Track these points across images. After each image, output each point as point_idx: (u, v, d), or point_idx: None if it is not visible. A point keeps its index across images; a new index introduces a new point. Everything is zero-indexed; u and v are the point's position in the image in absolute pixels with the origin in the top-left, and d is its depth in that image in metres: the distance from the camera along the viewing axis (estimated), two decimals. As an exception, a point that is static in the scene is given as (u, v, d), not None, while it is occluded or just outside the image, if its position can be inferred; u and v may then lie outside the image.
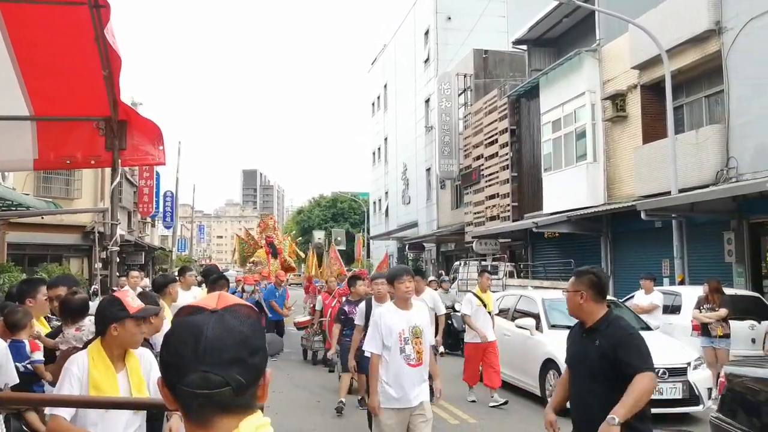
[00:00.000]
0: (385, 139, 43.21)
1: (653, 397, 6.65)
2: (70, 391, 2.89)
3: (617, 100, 17.38)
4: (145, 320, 3.31)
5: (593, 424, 3.47)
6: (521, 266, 21.27)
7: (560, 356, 7.36)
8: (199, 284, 25.02)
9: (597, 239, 18.74)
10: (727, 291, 10.17)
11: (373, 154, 47.09)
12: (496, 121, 24.48)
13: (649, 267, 15.07)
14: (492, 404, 9.11)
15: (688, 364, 7.96)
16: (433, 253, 34.29)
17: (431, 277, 18.49)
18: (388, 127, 42.26)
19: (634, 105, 17.00)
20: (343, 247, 38.26)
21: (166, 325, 4.56)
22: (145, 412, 3.13)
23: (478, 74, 28.26)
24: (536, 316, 9.57)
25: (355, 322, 7.33)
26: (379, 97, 45.21)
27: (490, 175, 24.90)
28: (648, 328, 9.19)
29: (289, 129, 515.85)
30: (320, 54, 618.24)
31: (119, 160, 4.41)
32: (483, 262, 20.64)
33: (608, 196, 17.90)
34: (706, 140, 14.15)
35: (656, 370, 6.85)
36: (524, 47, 24.42)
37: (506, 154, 23.62)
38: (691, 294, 10.54)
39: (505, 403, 9.09)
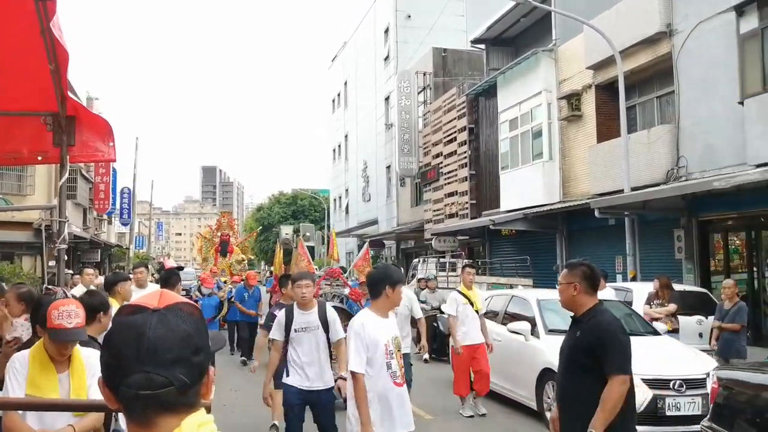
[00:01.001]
0: (346, 136, 43.14)
1: (671, 413, 6.51)
2: (12, 387, 2.90)
3: (572, 99, 17.69)
4: (93, 318, 3.27)
5: (569, 414, 3.55)
6: (479, 263, 21.49)
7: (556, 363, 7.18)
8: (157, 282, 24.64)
9: (553, 236, 19.07)
10: (677, 287, 10.47)
11: (334, 151, 46.98)
12: (454, 119, 24.68)
13: (603, 263, 15.37)
14: (467, 413, 8.37)
15: (707, 374, 6.76)
16: (393, 250, 34.42)
17: (420, 276, 17.57)
18: (349, 124, 42.21)
19: (589, 104, 17.34)
20: (312, 244, 37.78)
21: None
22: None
23: (437, 73, 28.43)
24: (531, 320, 8.59)
25: (270, 336, 5.75)
26: (339, 94, 45.11)
27: (448, 173, 25.10)
28: (656, 332, 8.45)
29: (249, 125, 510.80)
30: (280, 50, 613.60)
31: (67, 157, 4.35)
32: (441, 260, 20.79)
33: (563, 194, 18.22)
34: (657, 140, 14.52)
35: (672, 383, 6.73)
36: (482, 46, 24.67)
37: (465, 152, 23.83)
38: (642, 290, 10.79)
39: (483, 415, 8.39)
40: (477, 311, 8.41)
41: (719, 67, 12.90)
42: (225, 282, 14.90)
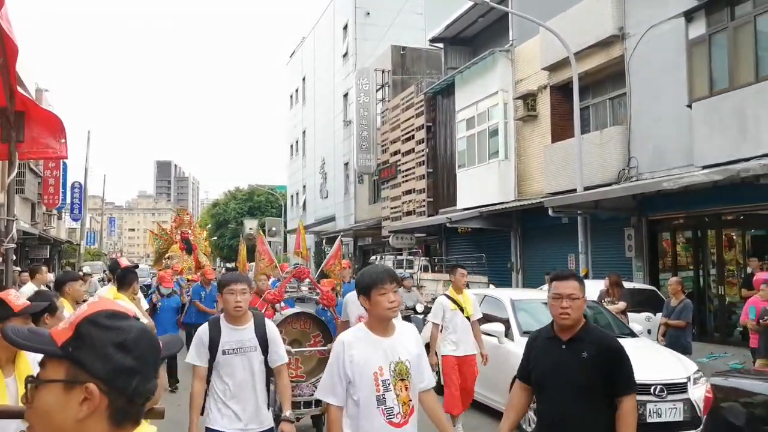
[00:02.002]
0: (303, 133, 42.89)
1: (651, 420, 6.23)
2: None
3: (528, 99, 17.97)
4: (38, 320, 3.17)
5: None
6: (435, 260, 21.67)
7: None
8: (108, 280, 23.70)
9: (508, 234, 19.35)
10: (627, 285, 10.76)
11: (291, 147, 46.66)
12: (412, 117, 24.79)
13: (556, 261, 15.72)
14: None
15: (688, 378, 6.67)
16: (350, 247, 34.39)
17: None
18: (307, 120, 41.97)
19: (544, 105, 17.64)
20: (278, 239, 36.93)
21: None
22: None
23: (395, 70, 28.49)
24: (504, 321, 8.15)
25: (188, 360, 4.21)
26: (297, 90, 44.81)
27: (406, 170, 25.20)
28: (633, 334, 8.12)
29: (205, 120, 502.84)
30: (238, 44, 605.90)
31: (17, 153, 4.24)
32: (399, 257, 20.89)
33: (518, 192, 18.50)
34: (609, 140, 14.86)
35: (653, 387, 6.35)
36: (441, 45, 24.83)
37: (422, 150, 23.97)
38: (593, 287, 11.04)
39: None
40: (468, 317, 7.37)
41: (669, 71, 13.28)
42: (189, 280, 14.23)
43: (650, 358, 7.10)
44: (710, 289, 13.43)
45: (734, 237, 13.25)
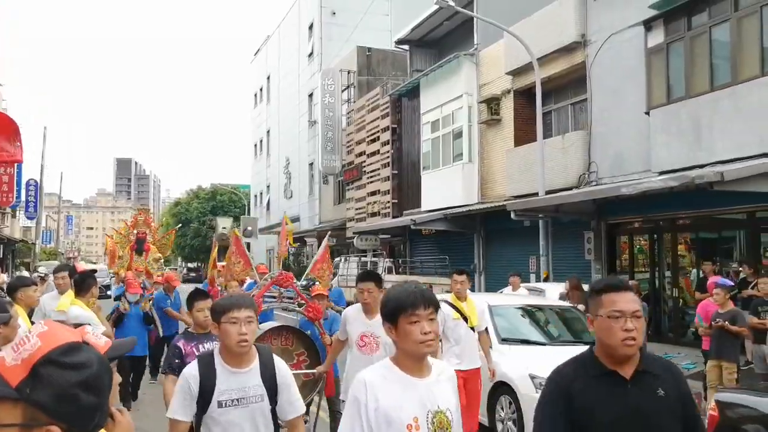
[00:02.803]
0: (268, 132, 42.59)
1: None
2: None
3: (492, 103, 18.15)
4: None
5: None
6: (400, 262, 21.73)
7: (515, 377, 6.75)
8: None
9: (471, 237, 19.51)
10: (586, 287, 10.94)
11: (255, 146, 46.29)
12: (378, 119, 24.83)
13: (518, 264, 15.90)
14: None
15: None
16: (315, 248, 34.25)
17: (339, 273, 16.75)
18: (271, 119, 41.69)
19: (508, 109, 17.83)
20: (252, 240, 35.34)
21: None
22: None
23: (361, 71, 28.51)
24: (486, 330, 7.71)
25: (170, 416, 3.15)
26: (261, 89, 44.47)
27: (371, 171, 25.23)
28: None
29: (166, 117, 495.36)
30: (202, 41, 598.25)
31: None
32: (363, 258, 20.90)
33: (482, 195, 18.67)
34: (571, 145, 15.10)
35: None
36: (406, 47, 24.93)
37: (387, 151, 24.02)
38: (554, 290, 11.22)
39: None
40: (473, 328, 6.61)
41: (629, 78, 13.56)
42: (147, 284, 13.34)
43: None
44: (665, 291, 13.75)
45: (688, 241, 13.59)
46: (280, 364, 3.23)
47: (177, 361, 4.25)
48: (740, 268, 10.63)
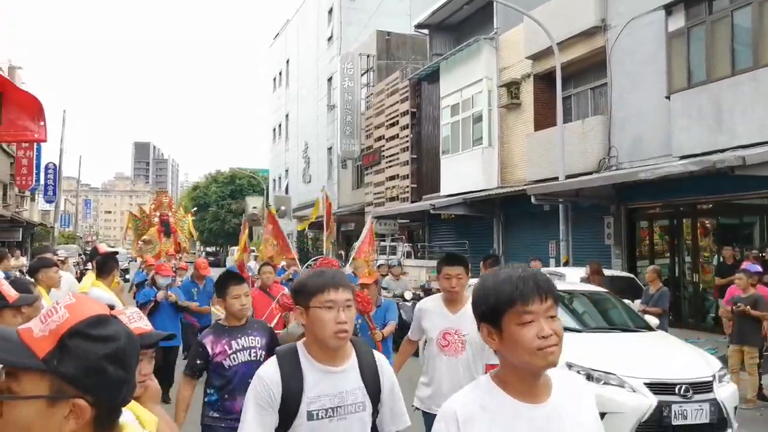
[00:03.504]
0: (287, 116, 42.71)
1: (677, 423, 5.68)
2: None
3: (512, 87, 18.11)
4: (19, 311, 3.07)
5: None
6: (418, 247, 21.83)
7: None
8: (83, 264, 22.86)
9: (490, 221, 19.56)
10: (606, 272, 10.99)
11: (274, 130, 46.45)
12: (397, 103, 24.85)
13: (537, 248, 15.96)
14: None
15: (714, 376, 6.16)
16: (333, 233, 34.45)
17: (381, 262, 15.77)
18: (290, 103, 41.78)
19: (527, 93, 17.79)
20: (288, 221, 33.35)
21: None
22: None
23: (380, 55, 28.48)
24: None
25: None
26: (281, 73, 44.54)
27: (390, 156, 25.29)
28: (649, 328, 7.67)
29: (186, 101, 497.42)
30: (221, 25, 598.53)
31: None
32: (382, 243, 21.02)
33: (501, 179, 18.69)
34: (590, 130, 15.07)
35: (678, 387, 5.86)
36: (426, 31, 24.85)
37: (406, 136, 24.06)
38: (574, 275, 11.26)
39: None
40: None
41: (649, 63, 13.49)
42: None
43: (672, 355, 6.66)
44: (685, 276, 13.75)
45: (709, 226, 13.55)
46: (383, 362, 2.49)
47: (200, 362, 3.70)
48: (762, 254, 10.59)
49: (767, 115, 10.82)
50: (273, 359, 2.40)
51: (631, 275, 12.73)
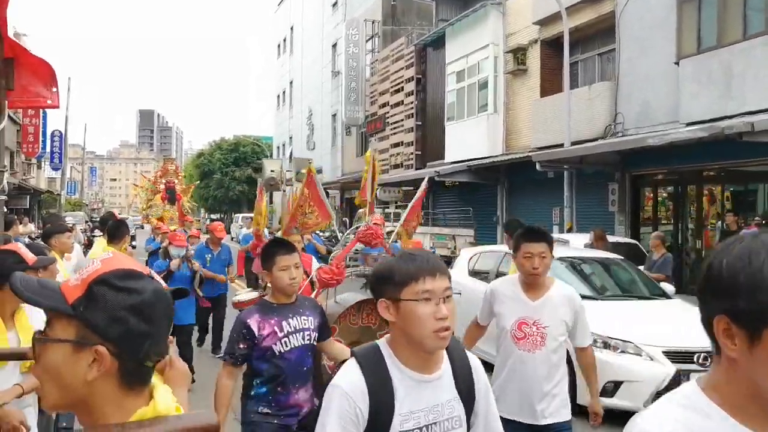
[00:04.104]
0: (291, 83, 42.42)
1: None
2: None
3: (518, 54, 17.92)
4: (36, 273, 3.11)
5: None
6: (422, 214, 21.84)
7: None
8: (92, 232, 22.85)
9: (494, 188, 19.52)
10: (610, 239, 10.99)
11: (278, 97, 46.19)
12: (402, 69, 24.62)
13: (541, 215, 15.95)
14: None
15: None
16: (337, 199, 34.48)
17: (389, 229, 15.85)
18: (294, 70, 41.46)
19: (534, 59, 17.60)
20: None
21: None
22: None
23: (386, 21, 28.13)
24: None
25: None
26: (285, 39, 44.12)
27: (395, 123, 25.15)
28: (665, 295, 7.57)
29: (189, 69, 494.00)
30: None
31: (6, 102, 4.12)
32: (386, 210, 21.03)
33: (506, 146, 18.61)
34: (597, 96, 14.94)
35: (697, 356, 5.78)
36: (432, -4, 24.51)
37: (411, 102, 23.89)
38: (578, 241, 11.26)
39: None
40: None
41: (658, 28, 13.30)
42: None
43: (690, 323, 5.63)
44: (688, 243, 13.75)
45: (714, 192, 13.51)
46: (476, 363, 2.01)
47: (243, 346, 3.09)
48: (765, 221, 10.56)
49: (777, 80, 10.69)
50: (353, 364, 1.87)
51: (635, 242, 12.73)
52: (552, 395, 3.36)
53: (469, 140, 19.49)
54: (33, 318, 3.02)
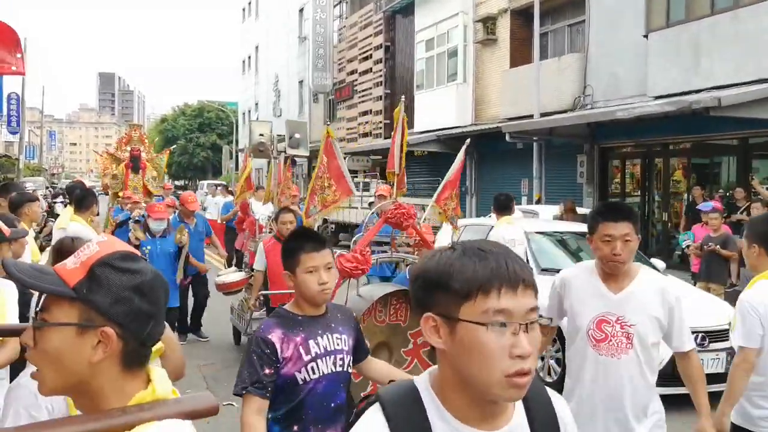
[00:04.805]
0: (256, 48, 41.58)
1: None
2: None
3: (488, 23, 17.82)
4: (9, 245, 3.10)
5: None
6: (391, 183, 21.82)
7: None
8: (53, 199, 22.33)
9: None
10: (579, 210, 11.15)
11: (243, 62, 45.30)
12: (371, 36, 24.31)
13: (510, 186, 16.06)
14: None
15: (730, 324, 5.57)
16: (304, 168, 34.22)
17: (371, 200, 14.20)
18: (260, 35, 40.61)
19: (504, 29, 17.53)
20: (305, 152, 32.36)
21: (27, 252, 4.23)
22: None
23: (354, -14, 27.65)
24: None
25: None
26: (250, 3, 43.10)
27: (363, 91, 24.92)
28: (656, 270, 6.87)
29: (151, 30, 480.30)
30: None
31: None
32: (355, 179, 20.95)
33: (476, 116, 18.60)
34: (567, 68, 14.98)
35: (694, 336, 5.07)
36: (401, -39, 24.10)
37: (380, 70, 23.67)
38: (546, 213, 11.39)
39: None
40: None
41: (628, 1, 13.33)
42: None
43: (687, 300, 5.85)
44: (654, 215, 14.03)
45: (680, 166, 13.75)
46: (563, 412, 1.38)
47: (270, 371, 2.27)
48: (734, 193, 10.79)
49: (744, 56, 10.84)
50: (377, 417, 1.24)
51: (603, 214, 12.94)
52: (644, 412, 2.69)
53: (439, 109, 19.43)
54: (8, 291, 2.94)
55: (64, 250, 2.78)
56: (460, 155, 4.92)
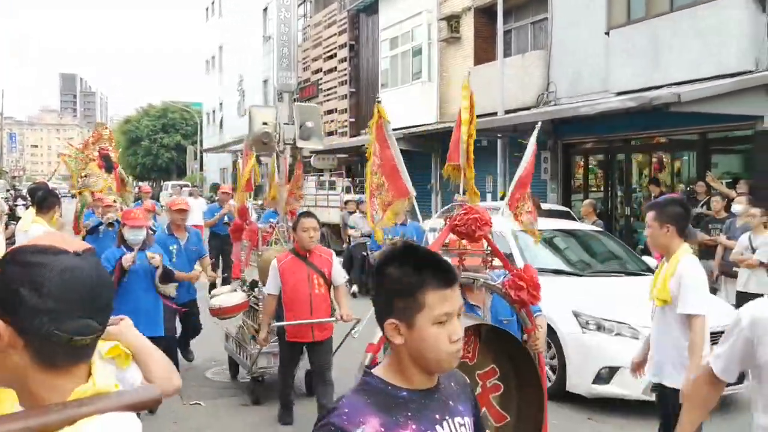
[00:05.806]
0: (220, 47, 41.11)
1: None
2: None
3: (452, 21, 17.82)
4: None
5: None
6: (357, 182, 21.68)
7: (555, 315, 5.61)
8: (14, 201, 21.89)
9: (428, 156, 19.53)
10: (543, 206, 11.17)
11: (207, 62, 44.74)
12: (335, 35, 24.19)
13: (475, 183, 16.06)
14: None
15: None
16: (268, 167, 33.94)
17: (348, 197, 15.14)
18: (224, 34, 40.14)
19: (468, 27, 17.54)
20: (316, 144, 30.44)
21: None
22: None
23: (317, -16, 27.47)
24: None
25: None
26: (213, 2, 42.58)
27: (328, 89, 24.77)
28: (650, 270, 6.66)
29: (113, 30, 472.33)
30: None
31: None
32: (321, 177, 20.81)
33: (441, 114, 18.59)
34: (530, 65, 15.04)
35: None
36: (365, -40, 24.00)
37: (345, 69, 23.55)
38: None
39: None
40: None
41: (590, -3, 13.42)
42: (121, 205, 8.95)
43: None
44: (617, 210, 14.16)
45: (642, 161, 13.91)
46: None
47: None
48: (694, 187, 10.92)
49: (703, 52, 10.97)
50: None
51: (566, 209, 13.01)
52: None
53: (404, 108, 19.35)
54: None
55: None
56: (532, 142, 3.84)
